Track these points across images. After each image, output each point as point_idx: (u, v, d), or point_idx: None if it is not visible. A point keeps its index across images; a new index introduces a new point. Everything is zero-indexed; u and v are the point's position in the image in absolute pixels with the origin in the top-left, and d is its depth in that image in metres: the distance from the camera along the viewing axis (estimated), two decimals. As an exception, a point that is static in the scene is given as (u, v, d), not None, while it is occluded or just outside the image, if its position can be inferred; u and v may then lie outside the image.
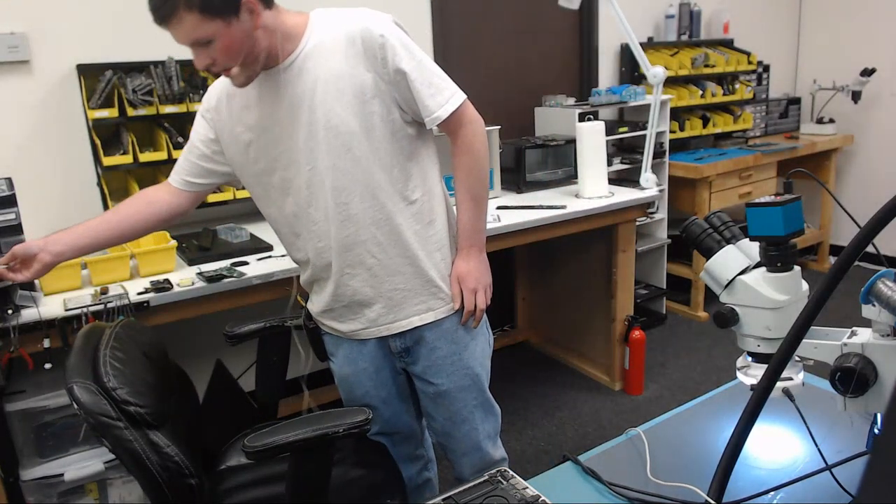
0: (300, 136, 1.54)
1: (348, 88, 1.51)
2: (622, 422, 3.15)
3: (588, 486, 1.22)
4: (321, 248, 1.62)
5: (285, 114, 1.54)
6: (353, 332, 1.72)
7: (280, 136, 1.56)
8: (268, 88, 1.55)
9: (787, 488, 1.15)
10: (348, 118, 1.51)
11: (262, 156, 1.61)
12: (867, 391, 0.98)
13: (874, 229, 0.73)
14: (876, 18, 4.82)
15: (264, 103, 1.56)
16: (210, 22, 1.44)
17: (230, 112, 1.63)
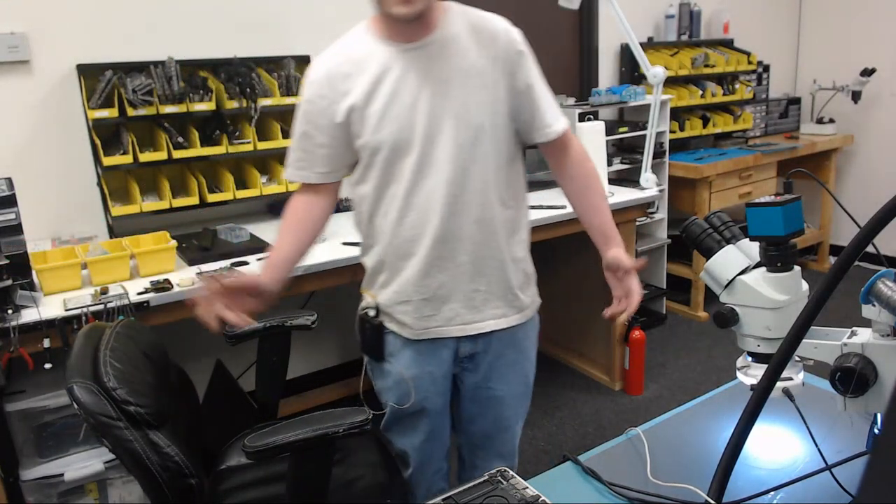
0: (427, 119, 1.52)
1: (484, 85, 1.54)
2: (622, 422, 3.15)
3: (588, 486, 1.22)
4: (414, 236, 1.58)
5: (417, 93, 1.51)
6: (425, 329, 1.66)
7: (404, 114, 1.52)
8: (404, 62, 1.52)
9: (787, 488, 1.14)
10: (481, 113, 1.54)
11: (382, 128, 1.53)
12: (867, 391, 0.98)
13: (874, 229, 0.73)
14: (876, 18, 4.81)
15: (398, 77, 1.51)
16: None
17: (358, 85, 1.53)
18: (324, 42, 1.59)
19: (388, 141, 1.53)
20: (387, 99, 1.51)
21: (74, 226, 2.75)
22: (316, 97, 1.56)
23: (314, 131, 1.59)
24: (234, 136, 2.81)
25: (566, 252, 3.65)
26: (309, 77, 1.58)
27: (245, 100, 2.76)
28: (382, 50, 1.53)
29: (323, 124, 1.57)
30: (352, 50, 1.56)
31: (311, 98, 1.57)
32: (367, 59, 1.53)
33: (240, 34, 3.01)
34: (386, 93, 1.51)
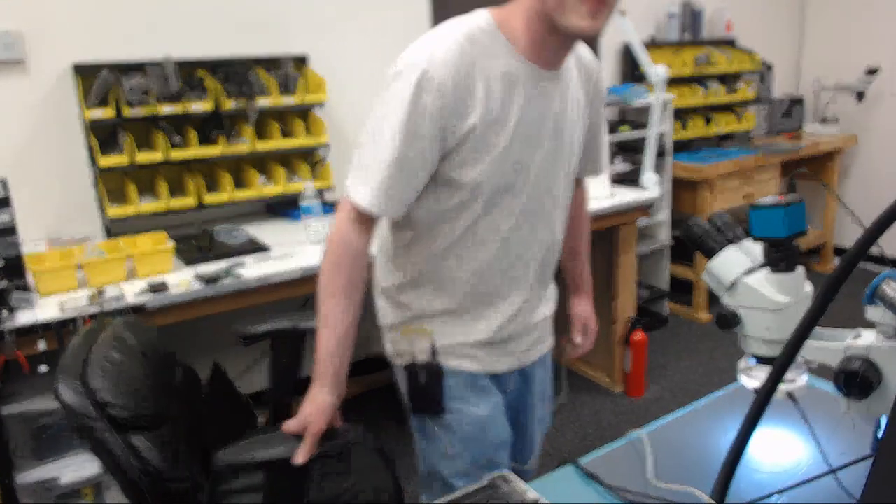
0: (544, 158, 1.37)
1: (582, 120, 1.47)
2: (623, 424, 3.14)
3: (588, 489, 1.21)
4: (513, 280, 1.45)
5: (540, 127, 1.34)
6: (498, 360, 1.52)
7: (527, 151, 1.34)
8: (538, 91, 1.31)
9: (791, 491, 1.14)
10: (578, 152, 1.48)
11: (503, 161, 1.32)
12: (871, 394, 0.97)
13: (878, 230, 0.72)
14: (880, 17, 4.80)
15: (526, 106, 1.30)
16: None
17: (484, 103, 1.27)
18: (323, 42, 1.42)
19: (504, 177, 1.33)
20: (512, 132, 1.30)
21: (70, 227, 2.74)
22: (438, 101, 1.22)
23: (425, 146, 1.25)
24: (232, 137, 2.80)
25: (567, 253, 3.64)
26: (426, 69, 1.21)
27: (243, 99, 2.75)
28: (520, 69, 1.28)
29: (434, 143, 1.26)
30: (485, 54, 1.26)
31: (432, 101, 1.22)
32: (499, 72, 1.27)
33: (238, 34, 3.00)
34: (513, 123, 1.29)
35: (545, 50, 1.28)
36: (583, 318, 1.76)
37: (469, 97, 1.24)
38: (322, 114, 3.05)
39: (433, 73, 1.21)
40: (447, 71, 1.21)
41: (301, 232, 2.62)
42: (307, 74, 3.02)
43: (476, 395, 1.47)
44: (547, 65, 1.30)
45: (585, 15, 1.17)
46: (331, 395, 1.29)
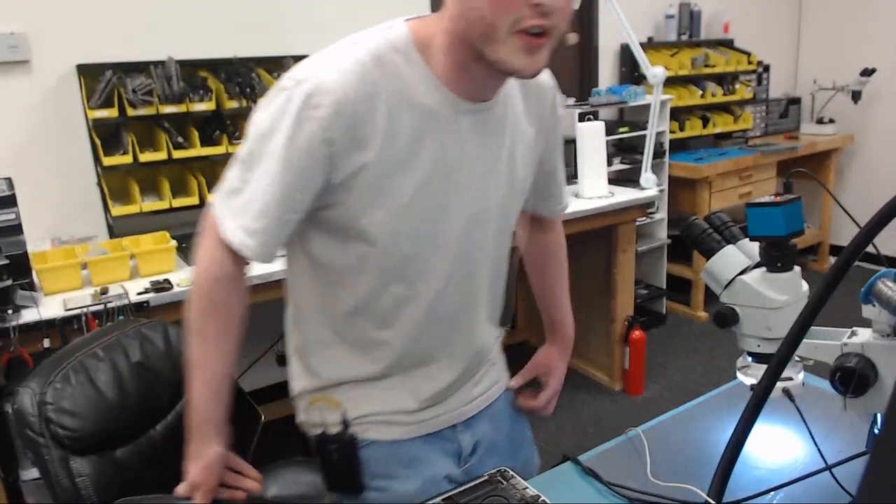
0: (473, 208, 1.14)
1: (529, 161, 1.23)
2: (622, 422, 3.13)
3: (588, 486, 1.22)
4: (435, 346, 1.22)
5: (468, 171, 1.11)
6: (423, 423, 1.26)
7: (448, 202, 1.11)
8: (462, 126, 1.08)
9: (787, 488, 1.14)
10: (523, 191, 1.25)
11: (407, 216, 1.08)
12: (867, 391, 0.98)
13: (874, 229, 0.73)
14: (876, 18, 4.81)
15: (446, 145, 1.07)
16: None
17: (383, 136, 1.02)
18: (324, 42, 1.21)
19: (417, 229, 1.10)
20: (424, 177, 1.06)
21: (74, 226, 2.75)
22: (325, 132, 0.99)
23: (304, 186, 1.03)
24: (234, 136, 2.81)
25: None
26: (312, 92, 0.98)
27: (245, 100, 2.76)
28: (437, 100, 1.05)
29: (316, 180, 1.03)
30: (393, 77, 1.03)
31: (316, 131, 0.98)
32: (410, 102, 1.04)
33: (240, 34, 3.01)
34: (425, 166, 1.06)
35: (471, 79, 1.05)
36: (542, 368, 1.43)
37: (366, 129, 1.00)
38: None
39: (321, 99, 0.98)
40: (339, 96, 0.98)
41: (302, 231, 2.63)
42: (308, 74, 3.02)
43: (404, 468, 1.23)
44: (473, 96, 1.07)
45: (519, 51, 0.95)
46: (215, 445, 1.13)
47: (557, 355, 1.44)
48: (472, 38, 0.97)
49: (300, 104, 0.98)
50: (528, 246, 1.49)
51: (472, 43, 0.98)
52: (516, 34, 0.94)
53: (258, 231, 1.04)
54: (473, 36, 0.97)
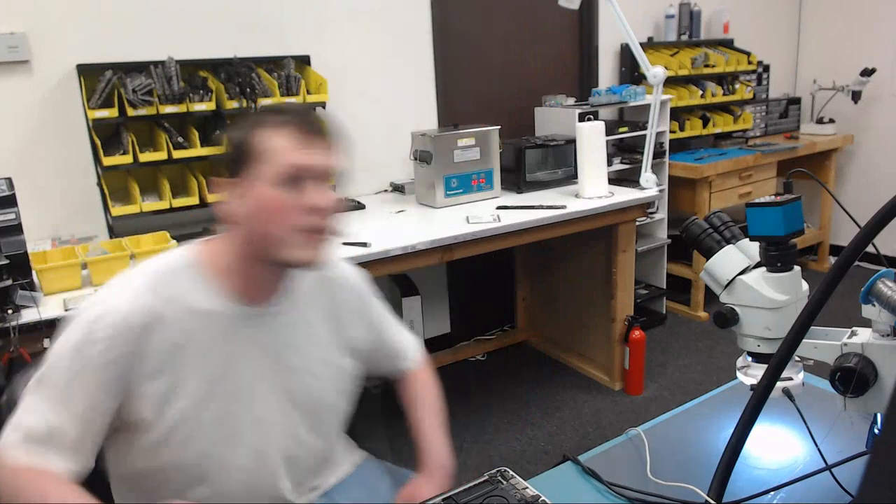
0: (264, 405, 1.24)
1: (335, 341, 1.35)
2: (622, 422, 3.15)
3: (588, 486, 1.22)
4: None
5: (251, 384, 1.22)
6: None
7: (233, 398, 1.20)
8: (244, 334, 1.20)
9: (787, 488, 1.15)
10: (331, 379, 1.35)
11: (188, 433, 1.17)
12: (867, 391, 0.98)
13: (874, 229, 0.73)
14: (876, 18, 4.81)
15: (229, 355, 1.19)
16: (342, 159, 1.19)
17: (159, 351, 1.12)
18: (325, 43, 1.21)
19: (205, 439, 1.17)
20: (209, 385, 1.16)
21: (74, 226, 2.75)
22: (110, 352, 1.08)
23: (92, 400, 1.09)
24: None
25: (566, 252, 3.66)
26: (99, 316, 1.09)
27: (245, 100, 2.76)
28: (222, 309, 1.17)
29: (108, 390, 1.10)
30: (176, 295, 1.14)
31: (102, 351, 1.08)
32: (193, 314, 1.15)
33: (240, 34, 3.01)
34: (211, 373, 1.16)
35: (257, 286, 1.20)
36: (408, 498, 1.31)
37: (149, 344, 1.10)
38: (323, 114, 3.06)
39: (101, 323, 1.08)
40: (118, 318, 1.08)
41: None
42: (309, 75, 3.03)
43: None
44: (260, 300, 1.21)
45: (304, 246, 1.13)
46: None
47: (425, 485, 1.33)
48: (261, 251, 1.14)
49: (85, 330, 1.08)
50: (399, 384, 1.56)
51: (263, 254, 1.14)
52: (300, 233, 1.12)
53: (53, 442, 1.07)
54: (262, 249, 1.13)
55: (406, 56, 3.52)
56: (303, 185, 1.11)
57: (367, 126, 3.42)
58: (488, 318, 4.10)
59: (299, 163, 1.10)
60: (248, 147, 1.11)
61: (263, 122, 1.13)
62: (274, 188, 1.10)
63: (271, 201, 1.10)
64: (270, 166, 1.10)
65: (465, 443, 3.06)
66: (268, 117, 1.14)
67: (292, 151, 1.10)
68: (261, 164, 1.10)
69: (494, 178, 3.26)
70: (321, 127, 1.15)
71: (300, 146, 1.11)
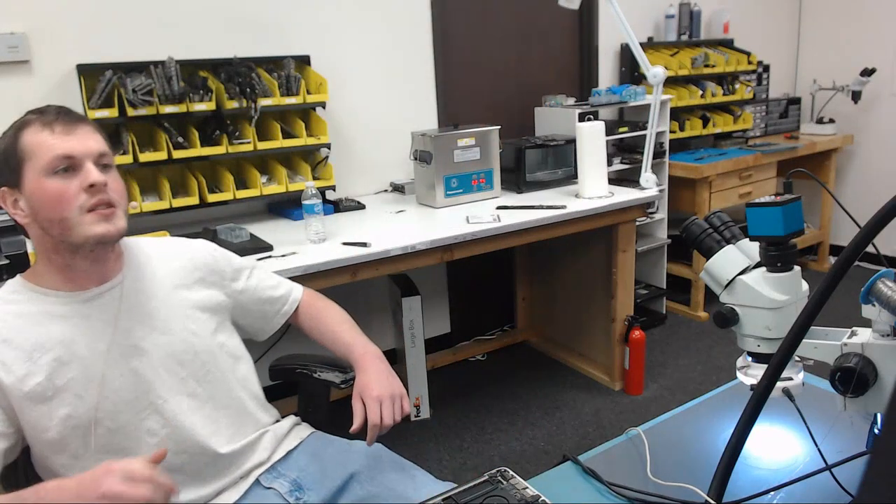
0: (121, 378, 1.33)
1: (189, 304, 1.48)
2: (622, 422, 3.15)
3: (588, 485, 1.22)
4: None
5: (101, 347, 1.31)
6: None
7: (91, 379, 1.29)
8: (89, 311, 1.31)
9: (787, 488, 1.15)
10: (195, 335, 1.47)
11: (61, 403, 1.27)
12: (867, 391, 0.98)
13: (874, 229, 0.73)
14: (876, 18, 4.82)
15: (77, 333, 1.29)
16: (105, 142, 1.33)
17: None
18: (325, 43, 1.31)
19: (74, 419, 1.26)
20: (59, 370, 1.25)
21: (74, 226, 2.75)
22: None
23: None
24: (234, 137, 2.81)
25: (566, 252, 3.66)
26: None
27: (245, 100, 2.76)
28: (55, 305, 1.28)
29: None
30: (16, 311, 1.27)
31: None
32: (32, 318, 1.26)
33: (240, 34, 3.01)
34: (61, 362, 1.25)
35: (80, 273, 1.30)
36: (358, 394, 1.41)
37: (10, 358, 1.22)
38: (323, 114, 3.06)
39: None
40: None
41: (302, 231, 2.64)
42: (309, 75, 3.03)
43: None
44: (90, 283, 1.31)
45: (95, 222, 1.24)
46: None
47: (362, 374, 1.44)
48: (59, 239, 1.24)
49: None
50: (293, 321, 1.70)
51: (62, 242, 1.24)
52: (87, 213, 1.23)
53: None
54: (58, 237, 1.23)
55: (406, 56, 3.52)
56: (75, 170, 1.23)
57: (367, 126, 3.42)
58: (488, 318, 4.10)
59: (64, 151, 1.22)
60: (15, 152, 1.23)
61: (21, 127, 1.26)
62: (50, 179, 1.21)
63: (51, 191, 1.21)
64: (39, 160, 1.22)
65: (465, 443, 3.06)
66: (23, 122, 1.27)
67: (54, 142, 1.23)
68: (31, 163, 1.22)
69: (494, 178, 3.26)
70: (75, 116, 1.29)
71: (60, 136, 1.23)
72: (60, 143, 1.23)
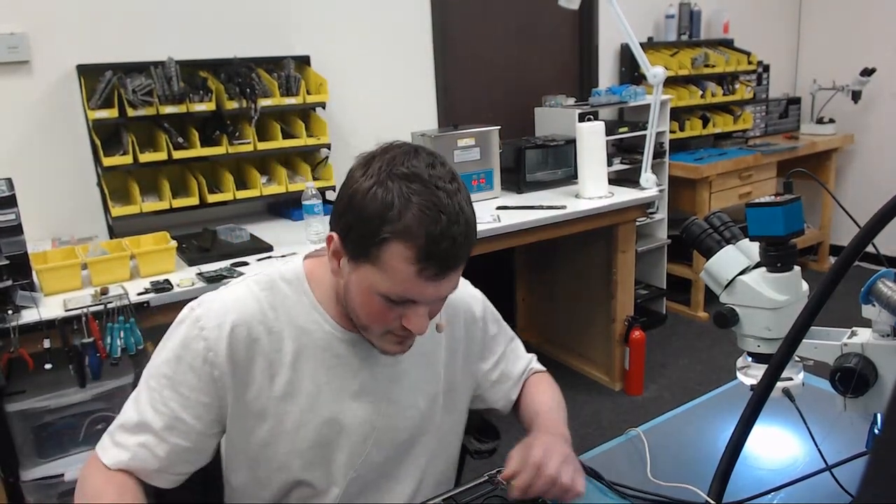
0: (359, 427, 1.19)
1: (443, 372, 1.30)
2: (622, 422, 3.15)
3: (588, 485, 1.22)
4: None
5: (348, 392, 1.17)
6: None
7: (332, 419, 1.16)
8: (349, 353, 1.15)
9: (788, 489, 1.15)
10: (438, 410, 1.30)
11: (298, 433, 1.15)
12: (867, 391, 0.98)
13: (874, 229, 0.73)
14: (876, 18, 4.82)
15: (334, 371, 1.15)
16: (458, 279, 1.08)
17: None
18: (325, 43, 1.13)
19: (301, 456, 1.15)
20: (309, 403, 1.13)
21: (74, 226, 2.75)
22: (206, 353, 1.07)
23: (189, 406, 1.09)
24: (234, 137, 2.81)
25: (566, 252, 3.66)
26: (199, 317, 1.08)
27: (245, 100, 2.76)
28: (322, 329, 1.13)
29: (202, 401, 1.09)
30: (283, 307, 1.13)
31: (199, 351, 1.07)
32: (297, 330, 1.12)
33: (240, 34, 3.01)
34: (309, 392, 1.13)
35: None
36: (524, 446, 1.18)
37: (250, 351, 1.09)
38: (323, 114, 3.06)
39: (207, 321, 1.07)
40: (223, 319, 1.07)
41: (302, 231, 2.64)
42: (309, 75, 3.03)
43: None
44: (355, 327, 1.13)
45: (390, 343, 1.09)
46: None
47: (533, 438, 1.23)
48: (357, 322, 1.09)
49: (189, 326, 1.08)
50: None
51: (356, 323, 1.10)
52: (389, 335, 1.07)
53: (129, 446, 1.07)
54: (355, 321, 1.09)
55: (406, 56, 3.52)
56: (408, 305, 1.02)
57: (367, 126, 3.42)
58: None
59: (413, 296, 1.00)
60: (369, 245, 0.98)
61: (394, 224, 0.95)
62: (378, 296, 1.01)
63: (371, 306, 1.03)
64: (383, 281, 0.99)
65: (466, 443, 3.06)
66: (404, 227, 0.95)
67: (412, 282, 0.98)
68: (375, 271, 0.99)
69: (494, 178, 3.26)
70: (458, 257, 0.99)
71: (423, 279, 0.98)
72: (418, 290, 0.99)
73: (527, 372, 1.42)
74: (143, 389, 1.09)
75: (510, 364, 1.38)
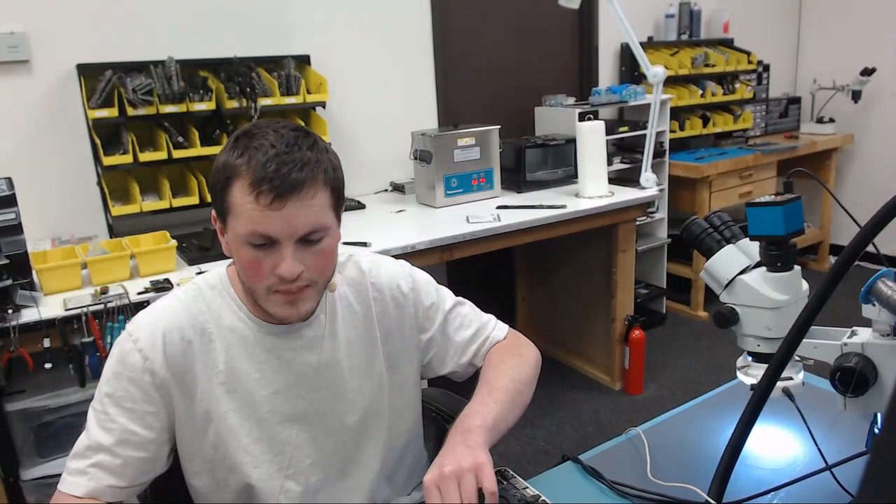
0: (302, 418, 1.23)
1: (378, 353, 1.31)
2: (622, 421, 3.15)
3: (588, 485, 1.22)
4: None
5: (283, 386, 1.20)
6: None
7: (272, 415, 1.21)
8: (278, 347, 1.19)
9: (788, 488, 1.14)
10: (378, 388, 1.33)
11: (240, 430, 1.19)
12: (867, 391, 0.98)
13: (874, 229, 0.73)
14: (876, 18, 4.81)
15: (265, 365, 1.19)
16: (331, 211, 1.09)
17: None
18: (325, 42, 1.12)
19: (247, 453, 1.17)
20: (243, 401, 1.16)
21: (74, 225, 2.75)
22: (143, 363, 1.09)
23: (137, 418, 1.11)
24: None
25: (566, 252, 3.66)
26: (131, 333, 1.12)
27: (245, 100, 2.76)
28: (248, 328, 1.16)
29: (148, 411, 1.11)
30: (210, 312, 1.16)
31: (136, 362, 1.10)
32: (225, 331, 1.15)
33: (240, 33, 3.01)
34: (245, 391, 1.16)
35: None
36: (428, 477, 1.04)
37: (185, 356, 1.12)
38: (323, 113, 3.06)
39: (138, 333, 1.10)
40: (153, 329, 1.11)
41: (302, 231, 2.64)
42: (309, 75, 3.03)
43: None
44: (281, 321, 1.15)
45: (280, 304, 1.09)
46: None
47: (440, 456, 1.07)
48: (247, 289, 1.12)
49: (122, 342, 1.11)
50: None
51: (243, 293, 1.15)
52: (274, 293, 1.08)
53: (84, 469, 1.08)
54: (249, 292, 1.12)
55: (406, 56, 3.52)
56: (273, 246, 1.04)
57: (367, 126, 3.42)
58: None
59: (262, 230, 1.02)
60: (220, 194, 1.05)
61: (233, 171, 1.02)
62: (244, 245, 1.04)
63: (244, 259, 1.06)
64: (239, 225, 1.03)
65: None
66: (234, 167, 1.02)
67: (254, 214, 1.01)
68: (232, 219, 1.05)
69: (494, 177, 3.26)
70: (291, 181, 1.01)
71: (263, 208, 1.01)
72: (262, 218, 1.01)
73: (480, 339, 1.38)
74: (90, 416, 1.11)
75: (453, 330, 1.36)
